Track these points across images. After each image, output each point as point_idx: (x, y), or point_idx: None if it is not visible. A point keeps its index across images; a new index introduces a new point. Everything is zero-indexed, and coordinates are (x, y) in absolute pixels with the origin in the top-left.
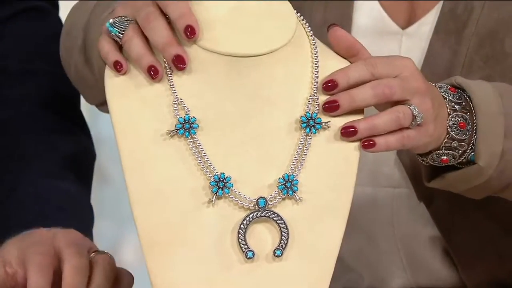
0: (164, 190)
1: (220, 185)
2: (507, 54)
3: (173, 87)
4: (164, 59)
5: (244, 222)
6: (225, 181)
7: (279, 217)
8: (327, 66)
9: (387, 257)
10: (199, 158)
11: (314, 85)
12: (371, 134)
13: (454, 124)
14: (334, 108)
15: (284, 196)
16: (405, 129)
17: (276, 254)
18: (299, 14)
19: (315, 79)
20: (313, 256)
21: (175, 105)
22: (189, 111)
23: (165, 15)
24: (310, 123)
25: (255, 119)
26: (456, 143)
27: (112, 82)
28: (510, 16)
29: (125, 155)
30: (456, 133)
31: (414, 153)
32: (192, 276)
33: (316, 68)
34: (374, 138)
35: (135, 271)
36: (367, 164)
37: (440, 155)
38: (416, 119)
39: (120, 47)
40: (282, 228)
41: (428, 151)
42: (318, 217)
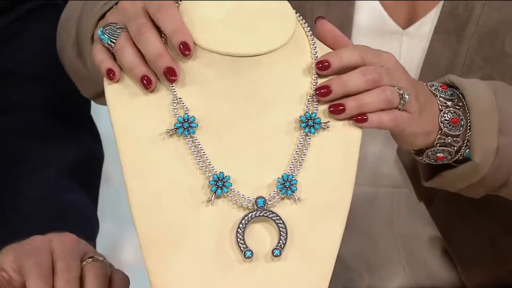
0: (163, 190)
1: (219, 185)
2: (508, 54)
3: (172, 87)
4: None
5: (243, 222)
6: (224, 181)
7: (278, 217)
8: None
9: (387, 257)
10: (198, 158)
11: (314, 85)
12: (360, 112)
13: (447, 120)
14: (327, 93)
15: (283, 196)
16: (397, 111)
17: (275, 254)
18: (299, 14)
19: (314, 79)
20: (312, 256)
21: (174, 104)
22: (188, 110)
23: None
24: (310, 123)
25: (254, 119)
26: (450, 139)
27: (111, 82)
28: (511, 16)
29: (125, 155)
30: (449, 129)
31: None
32: (191, 276)
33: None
34: (367, 114)
35: (135, 271)
36: (367, 164)
37: (436, 152)
38: (404, 98)
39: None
40: (281, 228)
41: (423, 150)
42: (317, 217)
